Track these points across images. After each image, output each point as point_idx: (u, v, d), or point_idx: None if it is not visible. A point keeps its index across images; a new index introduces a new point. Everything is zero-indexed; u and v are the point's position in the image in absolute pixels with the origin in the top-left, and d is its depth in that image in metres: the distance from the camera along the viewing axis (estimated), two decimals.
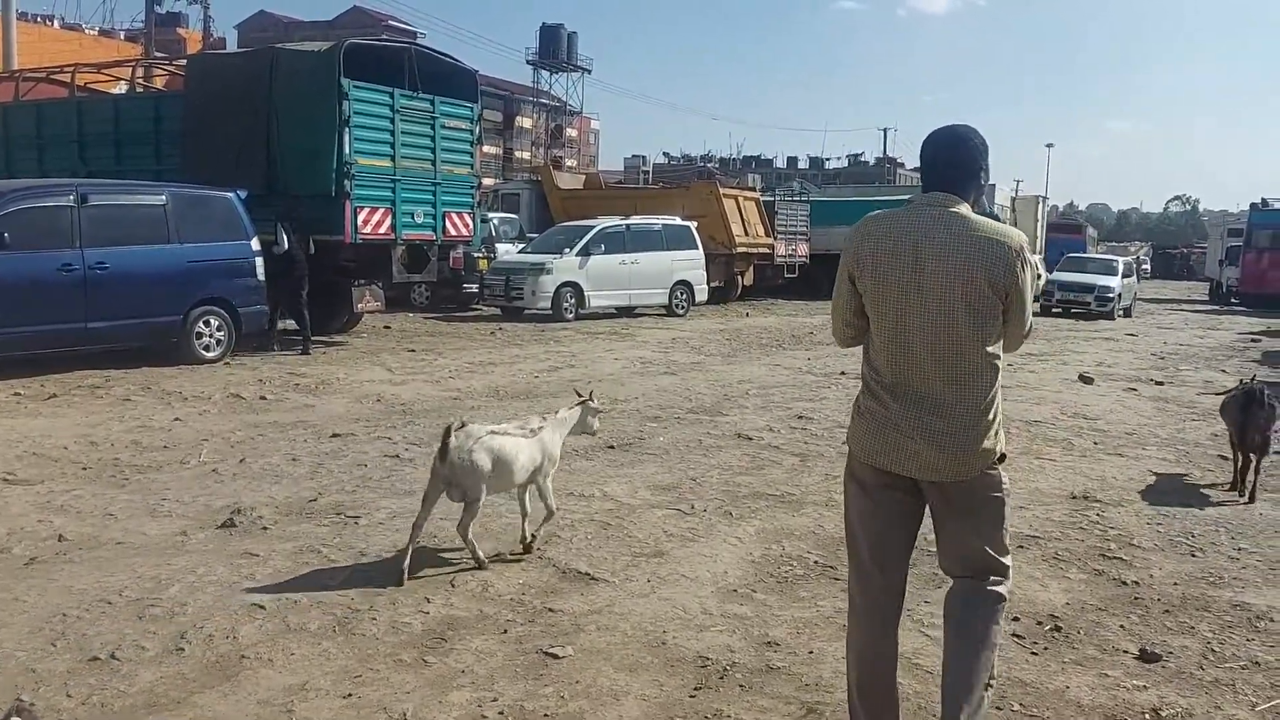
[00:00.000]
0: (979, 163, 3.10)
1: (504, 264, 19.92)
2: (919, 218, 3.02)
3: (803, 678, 3.88)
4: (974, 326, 2.95)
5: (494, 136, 69.54)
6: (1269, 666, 4.09)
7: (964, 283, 2.92)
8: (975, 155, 3.10)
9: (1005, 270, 2.93)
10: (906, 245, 2.98)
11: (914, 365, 2.99)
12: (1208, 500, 6.79)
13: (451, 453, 4.81)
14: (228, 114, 13.94)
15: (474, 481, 4.88)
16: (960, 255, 2.93)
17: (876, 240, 3.06)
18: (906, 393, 3.01)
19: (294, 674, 3.79)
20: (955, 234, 2.95)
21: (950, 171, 3.07)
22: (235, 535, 5.43)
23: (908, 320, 2.98)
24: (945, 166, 3.08)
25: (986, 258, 2.92)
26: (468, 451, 4.85)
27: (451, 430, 4.86)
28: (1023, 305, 3.01)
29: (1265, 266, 29.93)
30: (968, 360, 2.97)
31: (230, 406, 9.29)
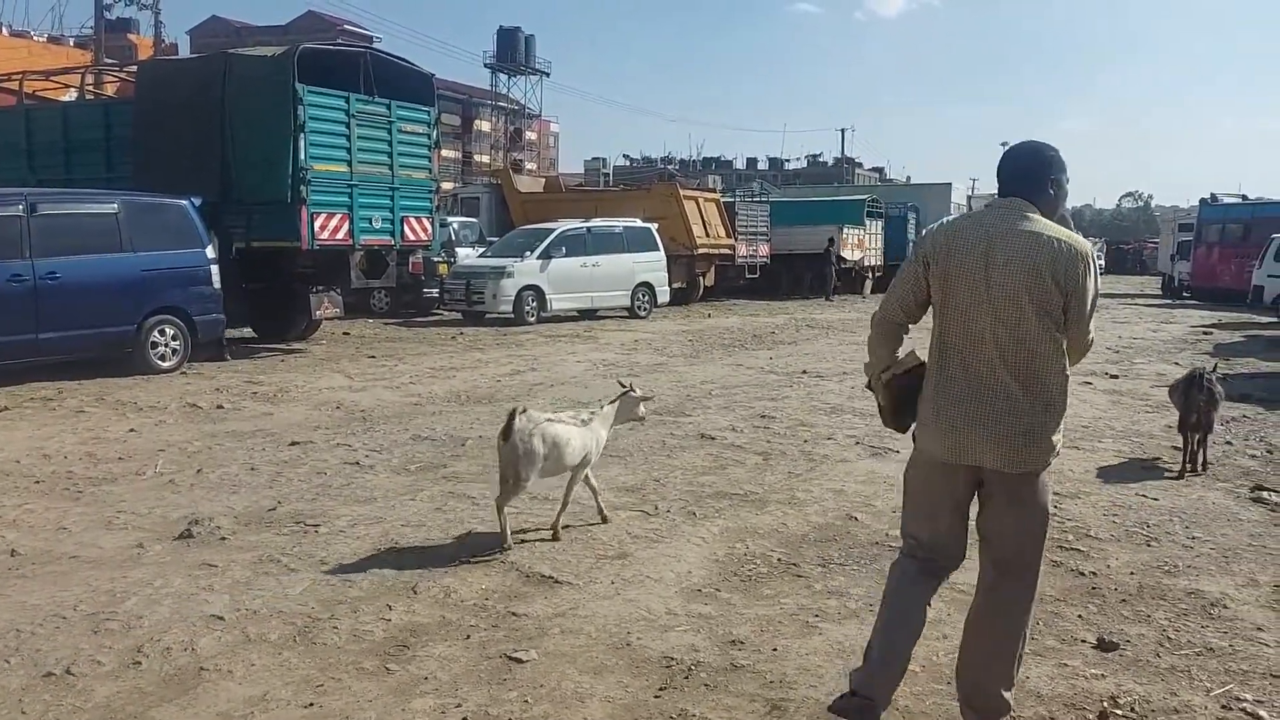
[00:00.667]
0: (1048, 174, 3.28)
1: (464, 268, 19.84)
2: (993, 219, 3.21)
3: (767, 675, 3.89)
4: (1041, 325, 3.13)
5: (452, 140, 69.32)
6: (1222, 652, 4.16)
7: (1033, 280, 3.09)
8: (1044, 167, 3.29)
9: (1070, 271, 3.11)
10: (979, 243, 3.16)
11: (983, 359, 3.16)
12: (1162, 490, 6.89)
13: (514, 434, 5.20)
14: (180, 121, 13.78)
15: (529, 462, 5.25)
16: (1030, 255, 3.10)
17: (953, 234, 3.25)
18: (973, 385, 3.18)
19: (254, 685, 3.75)
20: (1025, 235, 3.13)
21: (1016, 182, 3.27)
22: (193, 546, 5.36)
23: (978, 315, 3.15)
24: (1011, 178, 3.28)
25: (1054, 258, 3.10)
26: (529, 435, 5.23)
27: (515, 414, 5.24)
28: (1083, 311, 3.19)
29: (1215, 261, 30.44)
30: (1036, 357, 3.15)
31: (187, 416, 9.17)
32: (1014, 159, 3.33)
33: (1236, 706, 3.66)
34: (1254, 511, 6.38)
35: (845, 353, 15.11)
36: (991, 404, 3.16)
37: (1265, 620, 4.53)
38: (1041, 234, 3.13)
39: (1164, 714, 3.61)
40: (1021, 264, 3.10)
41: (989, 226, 3.19)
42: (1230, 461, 7.84)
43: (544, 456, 5.29)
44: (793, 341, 17.18)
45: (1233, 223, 30.52)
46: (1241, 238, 29.30)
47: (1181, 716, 3.59)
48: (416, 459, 7.51)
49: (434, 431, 8.51)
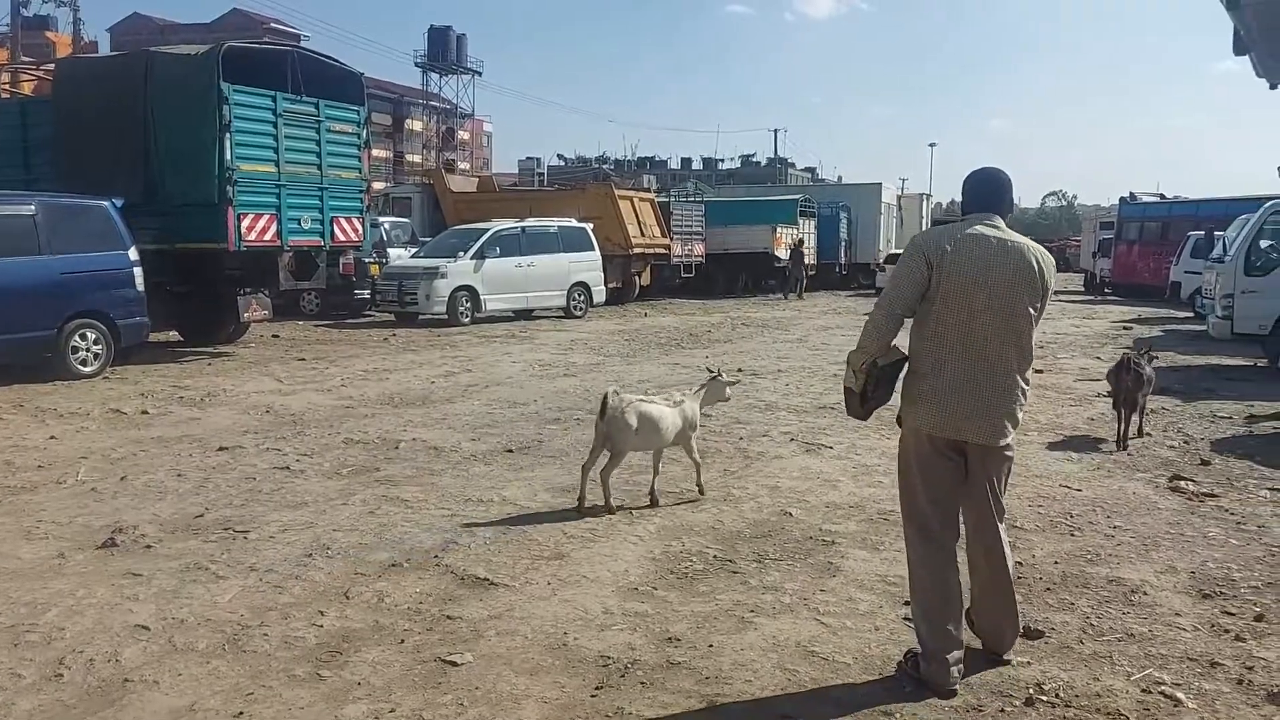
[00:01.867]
0: (1009, 194, 3.95)
1: (396, 269, 19.62)
2: (985, 230, 3.77)
3: (703, 671, 3.91)
4: (1028, 320, 3.75)
5: (383, 140, 68.49)
6: (1143, 638, 4.28)
7: (1028, 284, 3.72)
8: (1006, 188, 3.94)
9: (1048, 274, 3.78)
10: (981, 251, 3.71)
11: (983, 350, 3.72)
12: (1085, 481, 7.07)
13: (609, 412, 5.94)
14: (101, 120, 13.47)
15: (624, 437, 5.99)
16: (1024, 262, 3.72)
17: (955, 241, 3.74)
18: (972, 371, 3.74)
19: (181, 695, 3.67)
20: (1015, 246, 3.75)
21: (988, 199, 3.89)
22: (116, 555, 5.23)
23: (979, 312, 3.68)
24: (984, 196, 3.90)
25: (1040, 264, 3.75)
26: (621, 412, 5.96)
27: (609, 395, 5.98)
28: (1046, 306, 3.85)
29: (1135, 257, 31.31)
30: (1023, 348, 3.77)
31: (110, 422, 8.94)
32: (984, 181, 3.92)
33: (1156, 689, 3.77)
34: (1172, 501, 6.58)
35: (780, 350, 15.27)
36: (988, 388, 3.74)
37: (1183, 606, 4.67)
38: (1025, 244, 3.77)
39: (1087, 699, 3.70)
40: (1018, 270, 3.70)
41: (986, 237, 3.74)
42: (1149, 452, 8.08)
43: (636, 431, 6.00)
44: (728, 340, 17.29)
45: (1151, 221, 31.42)
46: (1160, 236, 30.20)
47: (1104, 701, 3.69)
48: (348, 463, 7.41)
49: (366, 435, 8.41)
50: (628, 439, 6.02)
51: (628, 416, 5.97)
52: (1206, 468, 7.55)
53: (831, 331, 19.06)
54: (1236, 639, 4.27)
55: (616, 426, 5.96)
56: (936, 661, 3.73)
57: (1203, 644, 4.22)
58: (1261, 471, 7.42)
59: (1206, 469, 7.51)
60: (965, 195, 3.95)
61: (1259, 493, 6.80)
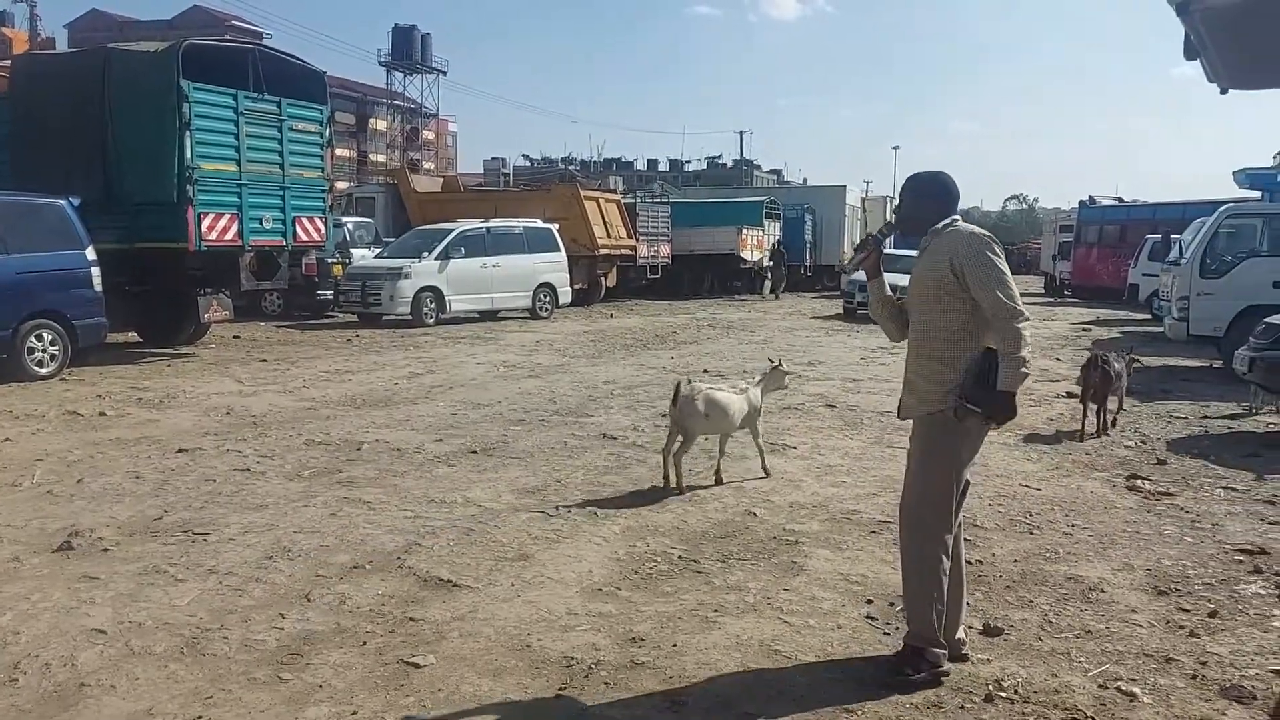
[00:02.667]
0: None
1: (360, 269, 19.47)
2: None
3: (666, 671, 3.92)
4: None
5: (346, 139, 68.00)
6: (1100, 634, 4.35)
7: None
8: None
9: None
10: None
11: None
12: (1044, 480, 7.16)
13: (681, 400, 6.49)
14: (59, 118, 13.29)
15: (694, 422, 6.56)
16: None
17: None
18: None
19: (139, 700, 3.62)
20: None
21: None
22: (73, 558, 5.15)
23: None
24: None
25: None
26: (691, 400, 6.52)
27: (681, 384, 6.61)
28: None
29: (1094, 260, 31.72)
30: None
31: (67, 424, 8.81)
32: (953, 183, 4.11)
33: (1113, 685, 3.83)
34: (1129, 499, 6.68)
35: (745, 351, 15.32)
36: None
37: (1139, 603, 4.74)
38: None
39: (1046, 695, 3.75)
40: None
41: None
42: (1107, 452, 8.20)
43: (705, 415, 6.55)
44: (694, 341, 17.33)
45: (1110, 224, 31.84)
46: (1118, 239, 30.62)
47: (1062, 696, 3.73)
48: (310, 464, 7.35)
49: (328, 436, 8.35)
50: (698, 424, 6.58)
51: (697, 403, 6.53)
52: (1163, 467, 7.67)
53: (796, 333, 19.17)
54: (1191, 635, 4.34)
55: (687, 412, 6.52)
56: (940, 647, 3.89)
57: (1158, 640, 4.29)
58: (1215, 471, 7.55)
59: (1163, 468, 7.63)
60: (954, 195, 4.07)
61: (1213, 491, 6.92)
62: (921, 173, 4.12)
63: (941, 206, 4.01)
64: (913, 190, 4.10)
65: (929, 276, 3.89)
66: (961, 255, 3.80)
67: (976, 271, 3.78)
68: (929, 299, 3.90)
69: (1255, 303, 12.38)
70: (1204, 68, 3.12)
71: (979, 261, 3.78)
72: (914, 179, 4.12)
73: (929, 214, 4.01)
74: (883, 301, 4.19)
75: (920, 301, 3.96)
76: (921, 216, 4.03)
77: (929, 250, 3.95)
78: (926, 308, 3.92)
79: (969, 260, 3.78)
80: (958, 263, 3.79)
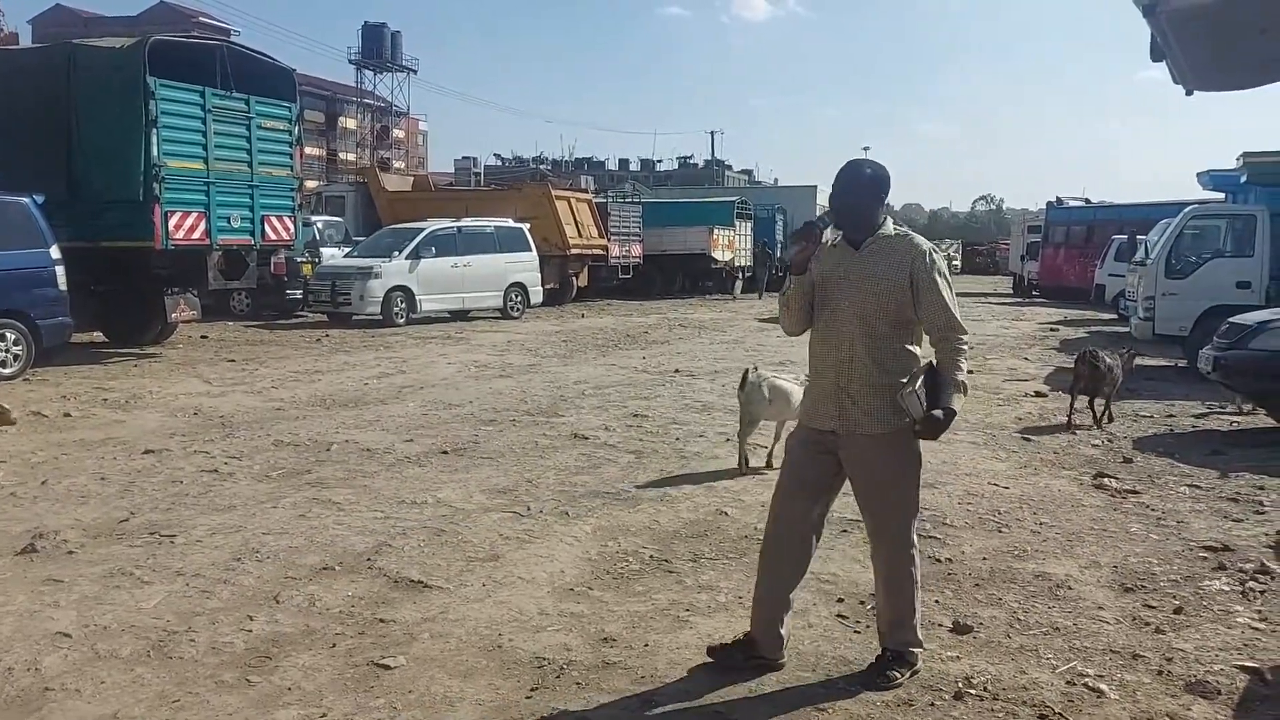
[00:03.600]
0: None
1: (330, 268, 19.31)
2: None
3: (638, 671, 3.92)
4: None
5: (316, 138, 67.49)
6: (1067, 631, 4.39)
7: None
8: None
9: None
10: None
11: None
12: (1012, 479, 7.22)
13: (748, 386, 7.02)
14: (21, 114, 13.11)
15: (759, 407, 7.05)
16: None
17: None
18: None
19: (104, 704, 3.58)
20: None
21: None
22: (37, 561, 5.07)
23: None
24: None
25: None
26: (757, 386, 7.02)
27: (749, 371, 7.16)
28: None
29: (1061, 261, 32.01)
30: None
31: (30, 425, 8.69)
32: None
33: (1080, 681, 3.86)
34: (1096, 497, 6.75)
35: (716, 351, 15.35)
36: None
37: (1105, 600, 4.79)
38: None
39: (1014, 691, 3.78)
40: None
41: None
42: (1074, 450, 8.28)
43: (769, 402, 7.01)
44: (665, 341, 17.34)
45: (1077, 225, 32.14)
46: (1085, 239, 30.91)
47: (1030, 693, 3.76)
48: (279, 465, 7.29)
49: (297, 437, 8.28)
50: (762, 409, 7.05)
51: (763, 389, 7.00)
52: (1129, 465, 7.76)
53: (767, 333, 19.21)
54: (1157, 631, 4.39)
55: (754, 398, 7.01)
56: (919, 645, 3.95)
57: (1124, 637, 4.33)
58: (1181, 468, 7.64)
59: (1129, 466, 7.72)
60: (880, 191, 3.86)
61: (1178, 489, 7.01)
62: (864, 162, 3.88)
63: (881, 205, 3.85)
64: (858, 182, 3.82)
65: (883, 284, 3.71)
66: (921, 269, 3.69)
67: (933, 288, 3.70)
68: (879, 307, 3.72)
69: (1219, 303, 12.56)
70: (1170, 69, 3.16)
71: (936, 277, 3.71)
72: (859, 168, 3.85)
73: (872, 211, 3.82)
74: (806, 296, 3.86)
75: (868, 309, 3.72)
76: (866, 212, 3.81)
77: (877, 254, 3.76)
78: (875, 316, 3.72)
79: (926, 274, 3.69)
80: (916, 276, 3.69)
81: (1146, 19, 2.72)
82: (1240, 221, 13.96)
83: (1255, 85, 3.95)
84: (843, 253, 3.81)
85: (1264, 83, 3.79)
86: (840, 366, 3.75)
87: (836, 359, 3.76)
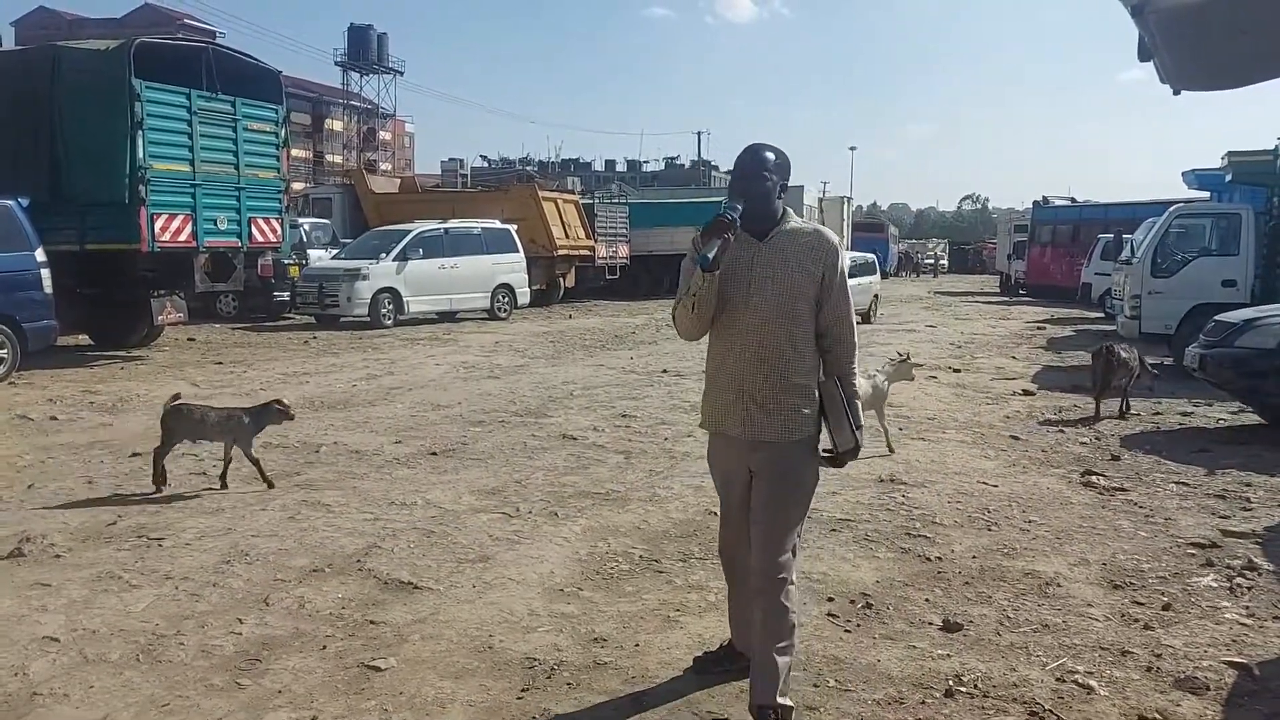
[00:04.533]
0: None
1: (317, 270, 19.27)
2: None
3: (629, 671, 3.92)
4: None
5: (303, 139, 67.34)
6: (1057, 628, 4.40)
7: None
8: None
9: None
10: None
11: None
12: (1002, 477, 7.25)
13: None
14: (4, 117, 13.13)
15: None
16: None
17: None
18: None
19: (93, 708, 3.56)
20: None
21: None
22: (24, 565, 5.04)
23: None
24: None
25: None
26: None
27: None
28: None
29: (1048, 260, 32.18)
30: None
31: (16, 429, 8.63)
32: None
33: (1070, 678, 3.88)
34: (1084, 495, 6.78)
35: (703, 352, 15.30)
36: None
37: (1094, 597, 4.81)
38: None
39: (1005, 689, 3.79)
40: None
41: None
42: (1063, 449, 8.31)
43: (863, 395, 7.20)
44: (653, 341, 17.34)
45: (1063, 224, 32.33)
46: (1071, 238, 31.09)
47: (1020, 690, 3.78)
48: (267, 467, 7.24)
49: (285, 438, 8.24)
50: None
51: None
52: (1117, 463, 7.80)
53: None
54: (1146, 628, 4.41)
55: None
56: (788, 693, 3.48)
57: (1114, 633, 4.35)
58: (1168, 466, 7.68)
59: (1117, 464, 7.76)
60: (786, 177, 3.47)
61: (1166, 486, 7.04)
62: (767, 145, 3.45)
63: (784, 192, 3.47)
64: (767, 166, 3.40)
65: (794, 279, 3.34)
66: (834, 268, 3.38)
67: (842, 290, 3.41)
68: (788, 304, 3.35)
69: (1205, 301, 12.65)
70: (1157, 69, 3.18)
71: (843, 279, 3.41)
72: (764, 151, 3.43)
73: (776, 199, 3.43)
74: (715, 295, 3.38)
75: (776, 306, 3.34)
76: (774, 200, 3.42)
77: (785, 247, 3.38)
78: (785, 317, 3.34)
79: (837, 274, 3.39)
80: (828, 275, 3.36)
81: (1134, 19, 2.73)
82: (1225, 220, 14.04)
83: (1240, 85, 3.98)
84: (745, 245, 3.36)
85: (1249, 83, 3.82)
86: (745, 369, 3.39)
87: (740, 361, 3.39)
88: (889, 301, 28.67)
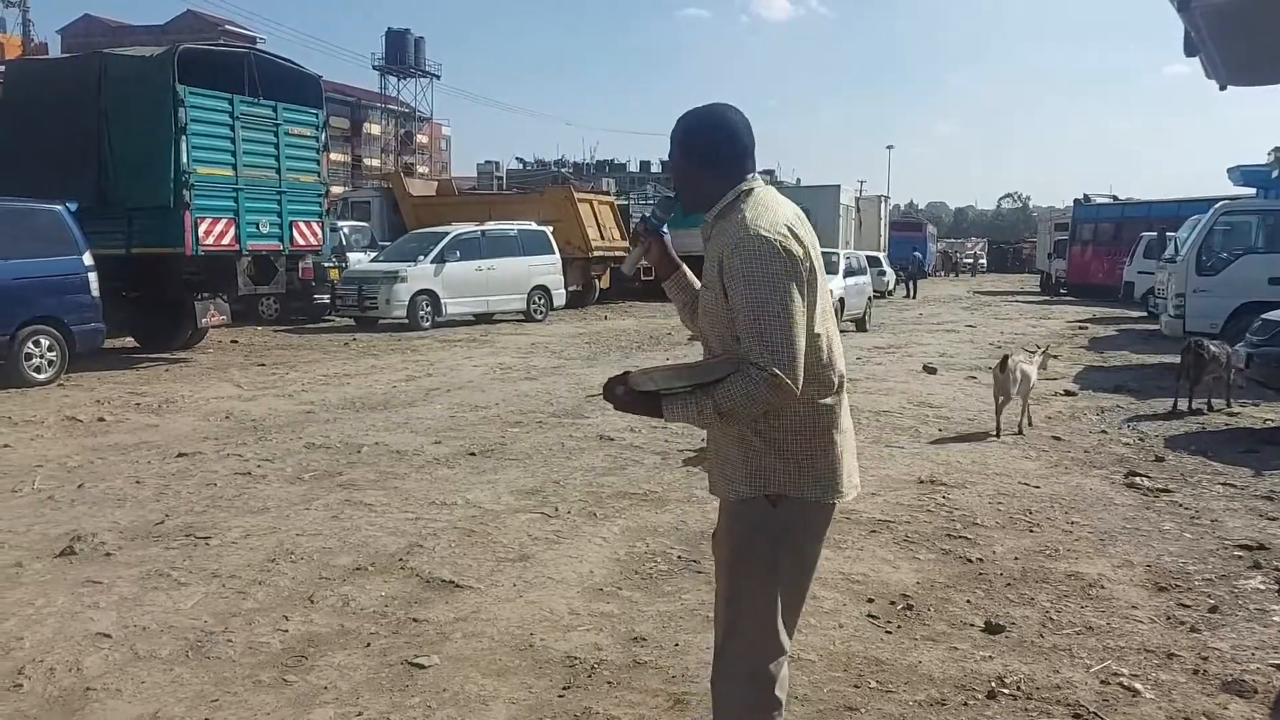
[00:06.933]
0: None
1: (356, 273, 19.47)
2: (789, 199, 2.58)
3: (669, 670, 3.93)
4: None
5: (341, 143, 67.98)
6: (1101, 631, 4.36)
7: None
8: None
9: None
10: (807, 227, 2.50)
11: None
12: (1043, 478, 7.18)
13: (1009, 369, 8.62)
14: (53, 123, 13.29)
15: (1013, 384, 8.71)
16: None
17: (804, 225, 2.49)
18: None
19: (144, 703, 3.63)
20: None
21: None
22: (76, 563, 5.15)
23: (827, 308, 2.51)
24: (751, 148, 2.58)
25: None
26: (1015, 369, 8.69)
27: (1009, 357, 8.80)
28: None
29: (1089, 259, 31.84)
30: None
31: (66, 430, 8.80)
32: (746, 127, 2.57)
33: (1114, 681, 3.84)
34: (1128, 496, 6.70)
35: None
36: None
37: (1139, 599, 4.76)
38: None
39: (1048, 691, 3.76)
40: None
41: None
42: (1105, 449, 8.22)
43: (1019, 381, 8.72)
44: (688, 342, 17.34)
45: (1105, 222, 31.96)
46: (1113, 236, 30.72)
47: (1064, 693, 3.75)
48: (311, 467, 7.35)
49: (328, 439, 8.35)
50: (1013, 386, 8.68)
51: (1016, 373, 8.67)
52: (1161, 464, 7.70)
53: None
54: (1192, 630, 4.36)
55: (1012, 379, 8.64)
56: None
57: (1159, 636, 4.30)
58: (1213, 467, 7.57)
59: (1161, 465, 7.66)
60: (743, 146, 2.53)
61: (1211, 487, 6.95)
62: (699, 110, 2.57)
63: (728, 166, 2.52)
64: (684, 142, 2.56)
65: (708, 288, 2.50)
66: (730, 263, 2.37)
67: (736, 290, 2.34)
68: (712, 323, 2.50)
69: (1251, 299, 12.46)
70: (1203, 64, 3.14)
71: (747, 274, 2.32)
72: (687, 121, 2.57)
73: (708, 181, 2.54)
74: (691, 307, 2.79)
75: (710, 329, 2.52)
76: (700, 183, 2.57)
77: (712, 244, 2.51)
78: (719, 340, 2.48)
79: (733, 271, 2.36)
80: (726, 275, 2.38)
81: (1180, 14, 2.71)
82: (1272, 217, 13.83)
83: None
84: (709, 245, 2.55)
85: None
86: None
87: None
88: (928, 302, 28.46)
